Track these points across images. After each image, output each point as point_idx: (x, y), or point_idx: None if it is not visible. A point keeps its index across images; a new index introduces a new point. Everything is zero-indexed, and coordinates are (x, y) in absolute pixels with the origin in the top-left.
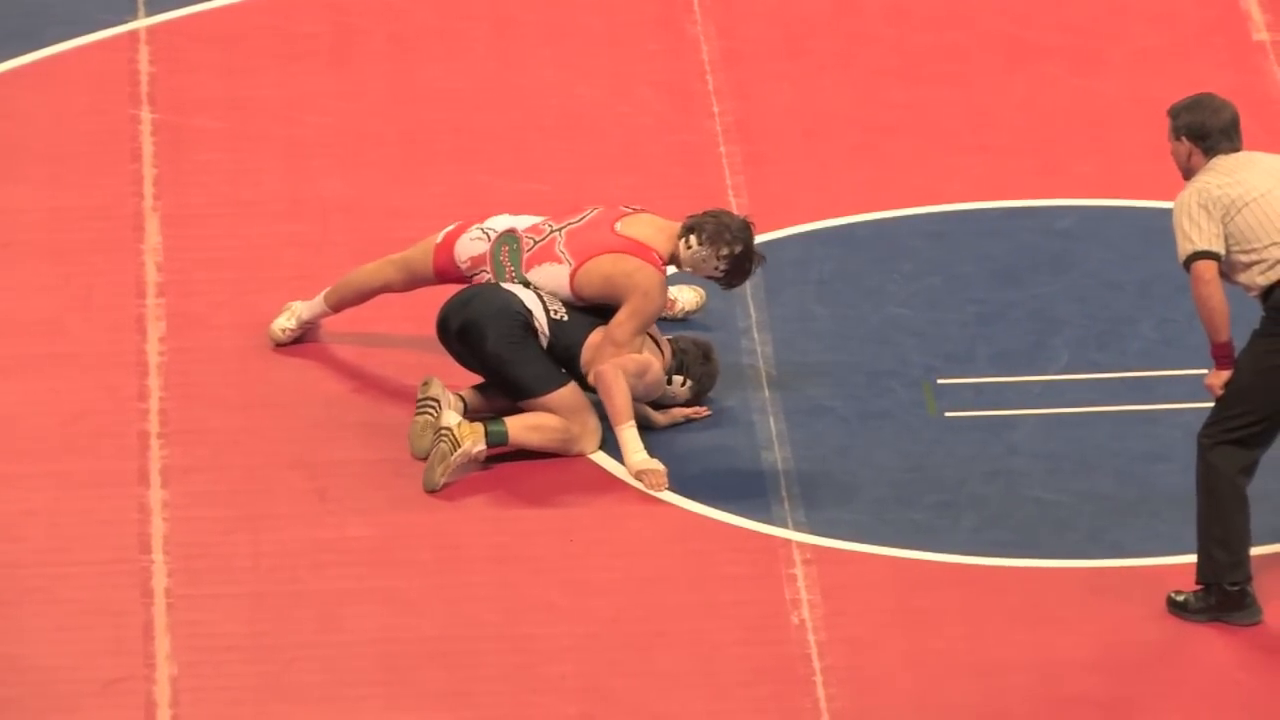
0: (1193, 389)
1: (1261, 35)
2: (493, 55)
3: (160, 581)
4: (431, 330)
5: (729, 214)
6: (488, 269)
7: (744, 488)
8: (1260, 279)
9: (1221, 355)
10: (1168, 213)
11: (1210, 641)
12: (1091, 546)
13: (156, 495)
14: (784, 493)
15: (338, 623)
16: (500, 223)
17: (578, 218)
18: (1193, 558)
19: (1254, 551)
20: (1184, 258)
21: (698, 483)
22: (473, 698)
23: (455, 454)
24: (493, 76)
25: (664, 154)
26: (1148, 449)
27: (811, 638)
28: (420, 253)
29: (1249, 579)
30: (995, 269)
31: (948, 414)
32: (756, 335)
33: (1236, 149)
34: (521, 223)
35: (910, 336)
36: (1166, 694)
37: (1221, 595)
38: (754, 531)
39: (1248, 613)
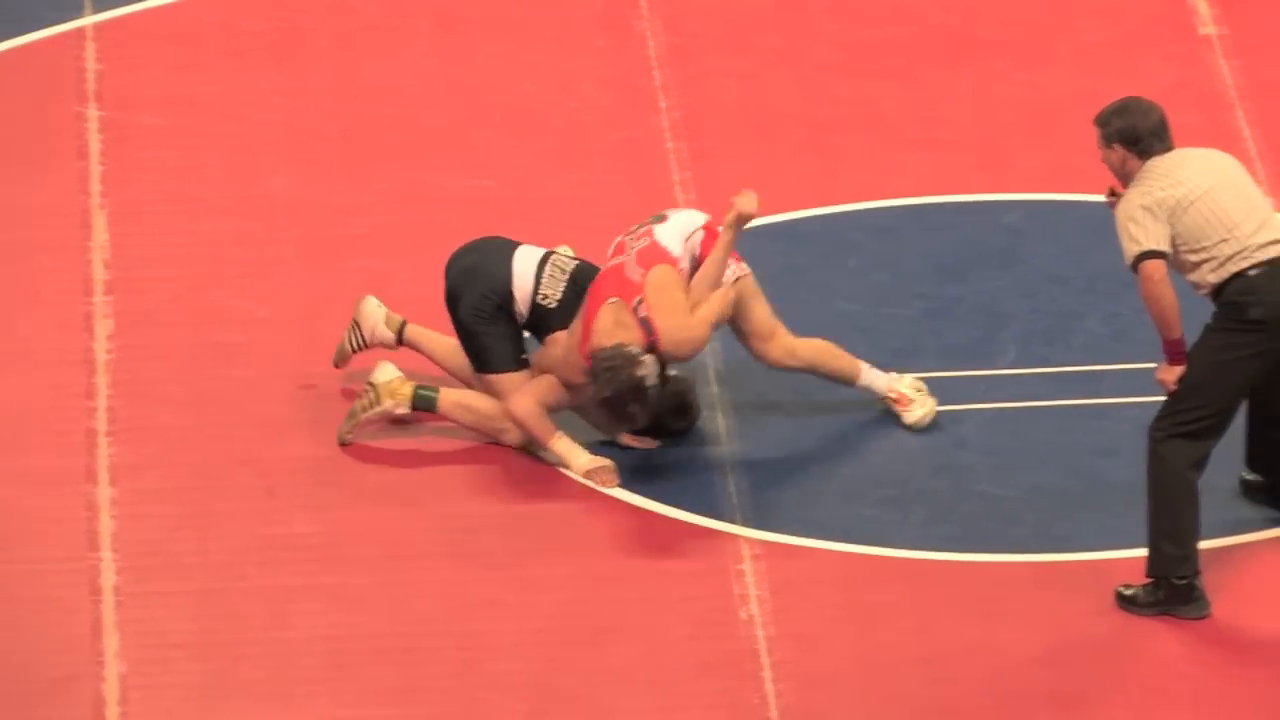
0: (1140, 383)
1: (1208, 29)
2: (437, 51)
3: (109, 579)
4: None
5: (624, 355)
6: None
7: (693, 483)
8: (1211, 276)
9: (1174, 352)
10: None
11: (1157, 635)
12: (1039, 541)
13: (105, 493)
14: (732, 488)
15: (286, 620)
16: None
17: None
18: (1141, 552)
19: (1201, 545)
20: (1131, 259)
21: (646, 479)
22: (420, 694)
23: (372, 410)
24: (438, 73)
25: (610, 150)
26: (1095, 443)
27: (760, 633)
28: None
29: (1197, 573)
30: (942, 264)
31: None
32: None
33: (1169, 148)
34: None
35: (857, 332)
36: (1114, 687)
37: (1170, 589)
38: (703, 527)
39: (1195, 606)
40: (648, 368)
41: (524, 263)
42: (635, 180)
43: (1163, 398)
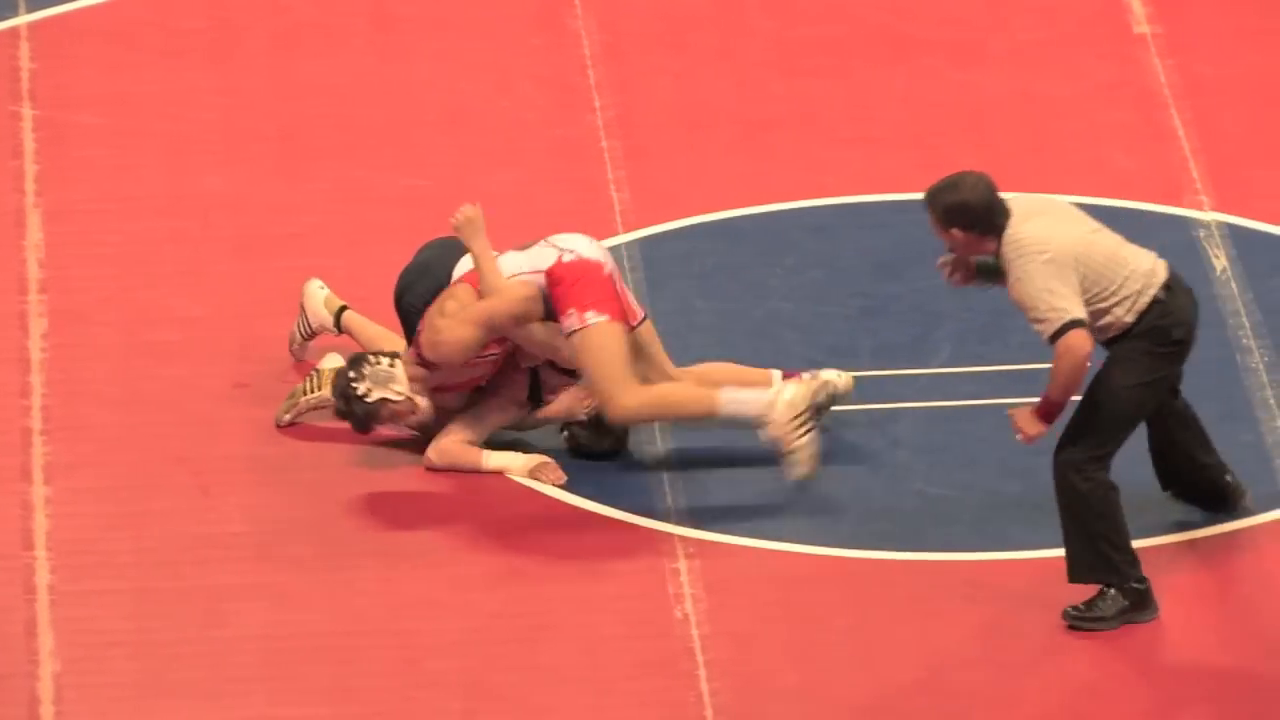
0: None
1: (1142, 28)
2: (373, 50)
3: (43, 578)
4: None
5: (354, 359)
6: None
7: (627, 482)
8: (1129, 316)
9: (1055, 412)
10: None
11: (1093, 634)
12: (975, 539)
13: (39, 491)
14: (667, 487)
15: (221, 618)
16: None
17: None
18: None
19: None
20: (1056, 328)
21: (581, 477)
22: (356, 693)
23: (312, 395)
24: (373, 71)
25: (546, 149)
26: None
27: (695, 632)
28: None
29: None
30: (877, 262)
31: (831, 407)
32: None
33: (1008, 211)
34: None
35: (792, 330)
36: (1050, 687)
37: (1134, 595)
38: (637, 525)
39: (1151, 609)
40: (370, 375)
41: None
42: (570, 179)
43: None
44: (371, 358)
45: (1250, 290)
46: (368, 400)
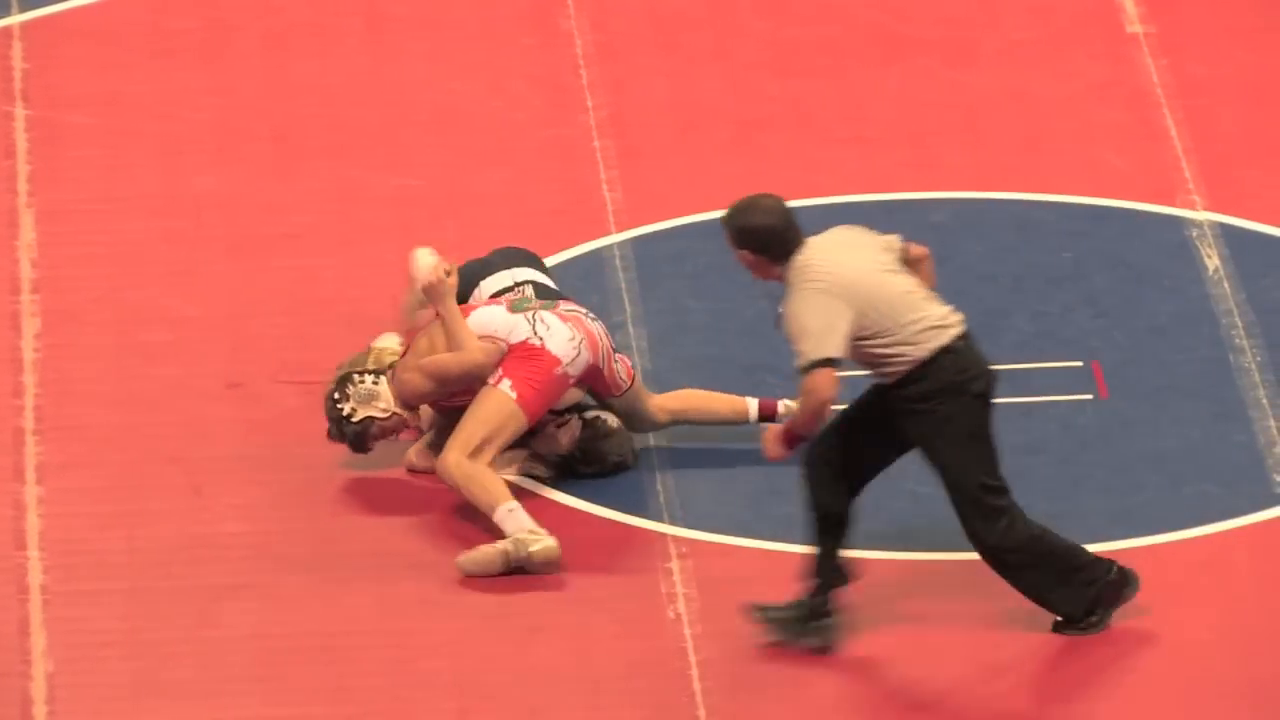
0: (1067, 381)
1: (1135, 27)
2: (366, 50)
3: (36, 578)
4: (302, 323)
5: (344, 374)
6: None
7: (620, 483)
8: (918, 355)
9: (798, 445)
10: (1041, 205)
11: (1089, 636)
12: (965, 539)
13: (32, 491)
14: (659, 486)
15: (214, 618)
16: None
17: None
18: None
19: (1129, 543)
20: (804, 365)
21: (574, 478)
22: (350, 693)
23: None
24: (366, 71)
25: (538, 149)
26: (1022, 442)
27: (687, 631)
28: None
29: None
30: None
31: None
32: (631, 329)
33: (801, 238)
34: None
35: None
36: (1045, 686)
37: (1110, 587)
38: (629, 525)
39: (1131, 585)
40: (354, 395)
41: (487, 287)
42: (563, 178)
43: (1084, 397)
44: (356, 376)
45: (1243, 290)
46: (354, 421)
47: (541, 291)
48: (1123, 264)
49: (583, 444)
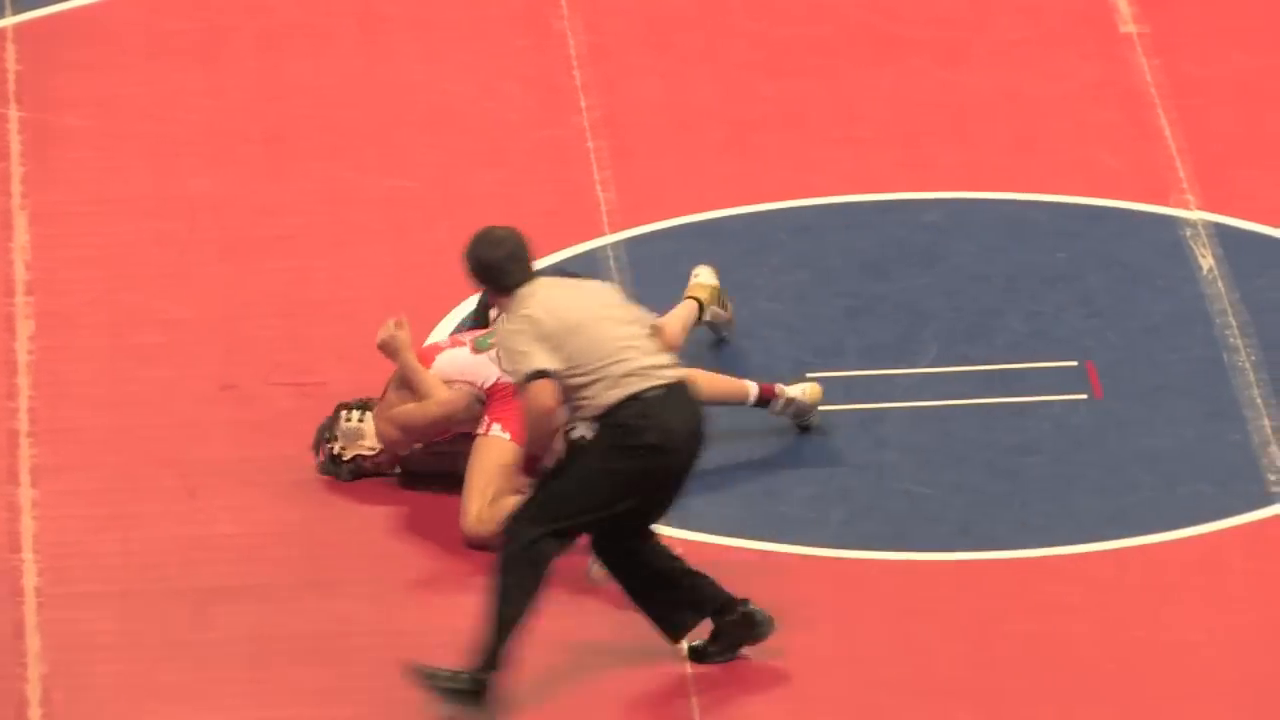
0: (1061, 381)
1: (1129, 27)
2: (360, 52)
3: (30, 580)
4: (296, 324)
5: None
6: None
7: None
8: (604, 397)
9: (536, 460)
10: (1035, 205)
11: (1080, 634)
12: (961, 539)
13: (26, 494)
14: None
15: (208, 620)
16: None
17: None
18: (1064, 550)
19: (1126, 542)
20: (520, 380)
21: None
22: (345, 694)
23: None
24: (360, 73)
25: (532, 149)
26: (1017, 441)
27: None
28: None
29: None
30: (863, 262)
31: (817, 407)
32: None
33: (530, 275)
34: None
35: (779, 330)
36: (1035, 687)
37: (735, 626)
38: None
39: (761, 626)
40: (342, 434)
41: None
42: (556, 179)
43: (1078, 397)
44: (345, 413)
45: (1237, 289)
46: (344, 459)
47: None
48: (1117, 264)
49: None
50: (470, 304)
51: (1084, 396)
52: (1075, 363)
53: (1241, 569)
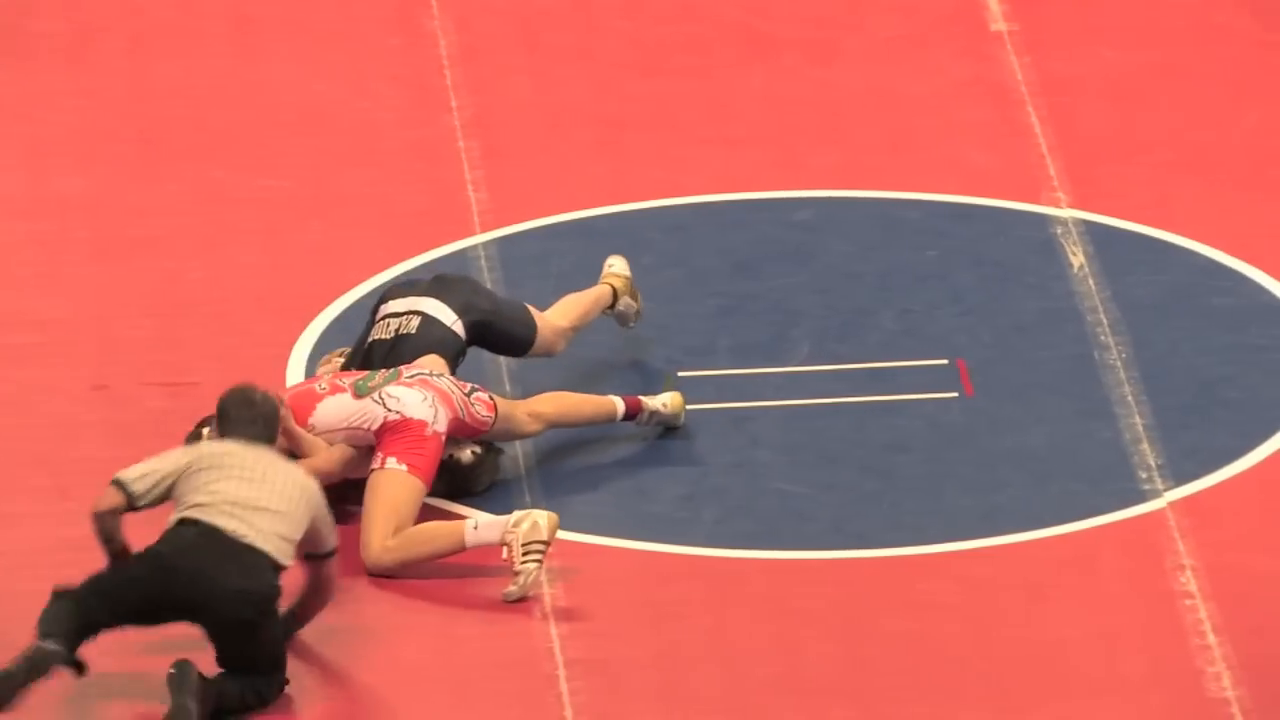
0: (933, 379)
1: (999, 25)
2: (230, 52)
3: None
4: (168, 324)
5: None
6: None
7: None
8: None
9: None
10: (907, 204)
11: (953, 633)
12: (834, 538)
13: None
14: (524, 485)
15: None
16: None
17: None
18: (936, 548)
19: (1002, 540)
20: (115, 478)
21: (439, 477)
22: None
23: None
24: (230, 73)
25: (403, 149)
26: (889, 439)
27: (554, 630)
28: None
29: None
30: (735, 261)
31: (688, 406)
32: None
33: (236, 432)
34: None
35: (651, 329)
36: (910, 684)
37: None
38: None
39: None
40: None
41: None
42: (427, 179)
43: (949, 395)
44: (206, 431)
45: (1108, 287)
46: None
47: (388, 354)
48: (987, 262)
49: (448, 487)
50: (340, 306)
51: (955, 395)
52: (946, 361)
53: (1113, 567)
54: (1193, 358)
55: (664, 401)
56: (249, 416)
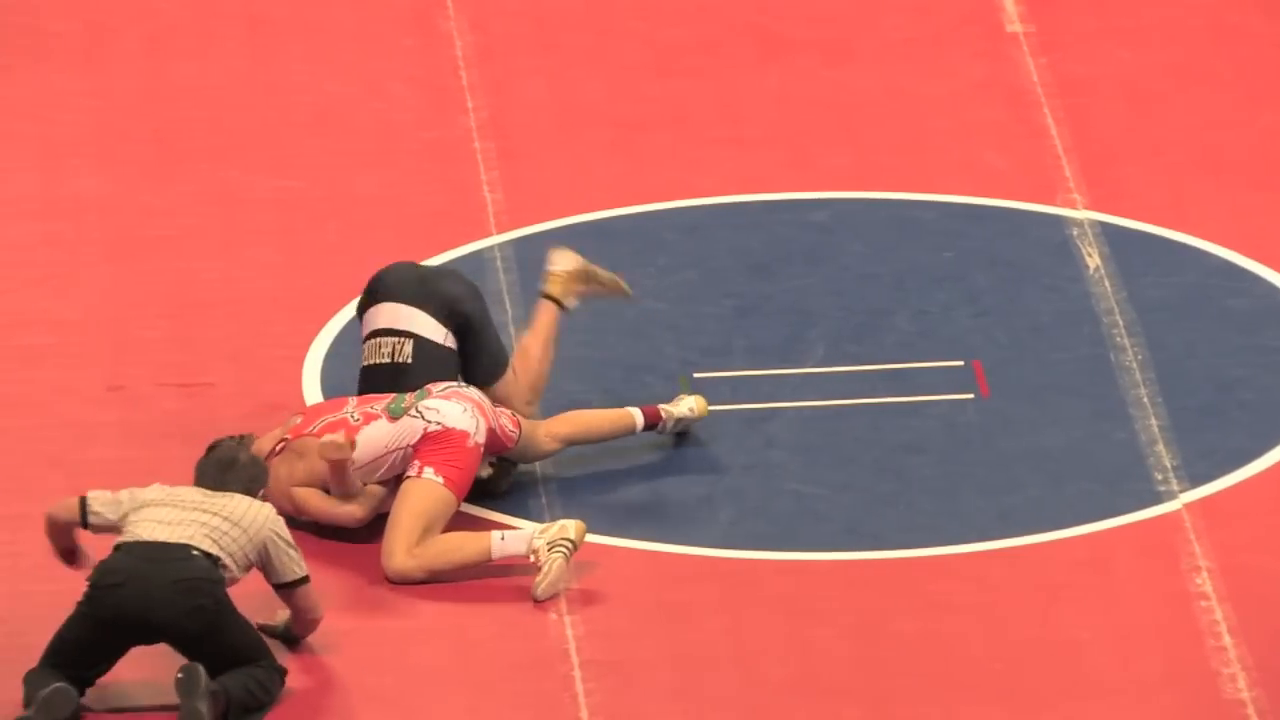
0: (948, 380)
1: (1015, 27)
2: (245, 52)
3: None
4: (183, 325)
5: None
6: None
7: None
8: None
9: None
10: (922, 205)
11: (967, 634)
12: (849, 539)
13: None
14: (540, 487)
15: None
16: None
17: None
18: (952, 549)
19: (1010, 542)
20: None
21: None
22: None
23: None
24: (245, 74)
25: (418, 150)
26: (904, 440)
27: (570, 632)
28: None
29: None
30: (751, 262)
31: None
32: (513, 331)
33: (213, 486)
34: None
35: (666, 330)
36: (924, 686)
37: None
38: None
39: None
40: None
41: (369, 321)
42: (443, 180)
43: (965, 396)
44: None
45: (1124, 288)
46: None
47: (414, 374)
48: (1003, 263)
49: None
50: (353, 308)
51: (971, 396)
52: (962, 362)
53: (1129, 568)
54: (1208, 359)
55: (690, 406)
56: (229, 478)
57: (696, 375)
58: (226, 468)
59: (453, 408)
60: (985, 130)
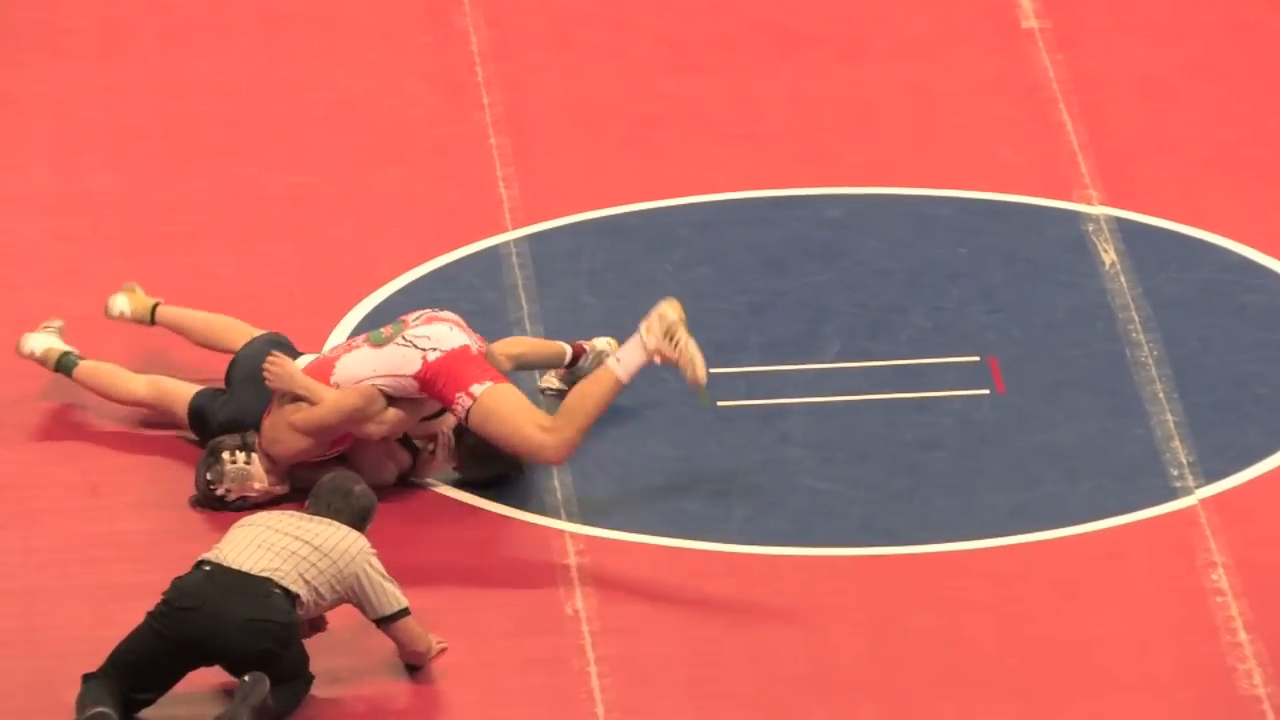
0: (964, 376)
1: (1030, 23)
2: (261, 48)
3: None
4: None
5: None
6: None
7: (517, 479)
8: None
9: None
10: (937, 201)
11: (982, 629)
12: (864, 534)
13: None
14: (556, 483)
15: (110, 618)
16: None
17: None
18: (967, 545)
19: (1013, 540)
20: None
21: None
22: None
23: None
24: (261, 70)
25: (434, 146)
26: (919, 436)
27: (585, 628)
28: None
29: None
30: (766, 258)
31: (720, 403)
32: (529, 327)
33: (319, 511)
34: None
35: None
36: (939, 681)
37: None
38: (526, 522)
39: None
40: (229, 476)
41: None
42: (459, 176)
43: (980, 392)
44: (227, 455)
45: (1139, 284)
46: (229, 499)
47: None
48: (1019, 259)
49: (470, 450)
50: (371, 303)
51: (986, 392)
52: (978, 358)
53: (1144, 564)
54: (1224, 355)
55: (608, 341)
56: (339, 506)
57: (712, 371)
58: (342, 496)
59: (439, 329)
60: (1000, 126)
